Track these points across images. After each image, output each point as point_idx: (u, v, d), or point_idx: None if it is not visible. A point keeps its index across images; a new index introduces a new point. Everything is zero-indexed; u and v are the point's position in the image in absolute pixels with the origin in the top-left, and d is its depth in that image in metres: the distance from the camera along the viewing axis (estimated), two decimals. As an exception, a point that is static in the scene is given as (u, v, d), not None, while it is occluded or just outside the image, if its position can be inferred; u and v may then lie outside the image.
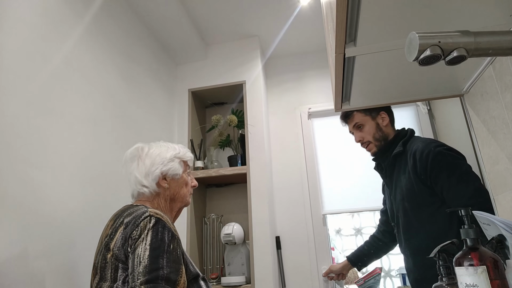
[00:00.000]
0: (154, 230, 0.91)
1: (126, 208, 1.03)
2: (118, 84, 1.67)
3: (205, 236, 2.21)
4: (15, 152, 1.05)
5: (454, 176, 1.15)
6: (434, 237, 1.17)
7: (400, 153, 1.32)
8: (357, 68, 0.96)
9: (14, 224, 1.01)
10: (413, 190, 1.25)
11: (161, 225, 0.93)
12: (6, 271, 0.96)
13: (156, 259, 0.86)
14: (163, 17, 2.00)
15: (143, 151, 1.14)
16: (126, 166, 1.15)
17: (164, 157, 1.13)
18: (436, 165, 1.18)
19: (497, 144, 0.99)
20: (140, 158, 1.12)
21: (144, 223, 0.91)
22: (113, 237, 0.95)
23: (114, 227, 0.97)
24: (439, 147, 1.22)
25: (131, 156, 1.14)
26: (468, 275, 0.62)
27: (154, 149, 1.15)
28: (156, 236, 0.90)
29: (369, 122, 1.40)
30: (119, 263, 0.91)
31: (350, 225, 2.41)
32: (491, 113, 1.00)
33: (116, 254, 0.91)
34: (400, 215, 1.32)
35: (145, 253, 0.87)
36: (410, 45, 0.57)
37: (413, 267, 1.29)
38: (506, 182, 0.97)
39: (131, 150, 1.15)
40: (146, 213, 0.94)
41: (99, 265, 0.95)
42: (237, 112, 2.32)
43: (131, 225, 0.93)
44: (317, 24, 2.28)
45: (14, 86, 1.08)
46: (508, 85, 0.89)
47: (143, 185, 1.09)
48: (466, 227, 0.67)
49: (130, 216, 0.96)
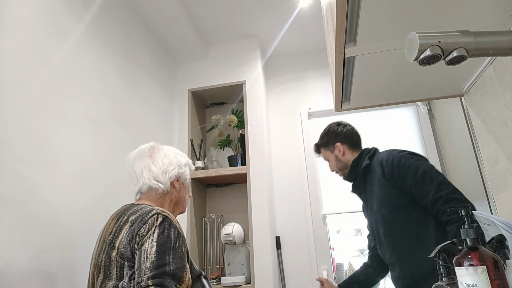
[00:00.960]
0: (161, 227, 0.92)
1: (128, 207, 1.03)
2: (118, 84, 1.67)
3: (205, 236, 2.21)
4: (15, 152, 1.05)
5: (418, 174, 1.20)
6: (415, 237, 1.22)
7: (367, 166, 1.39)
8: (357, 68, 0.96)
9: (14, 224, 1.01)
10: (386, 195, 1.29)
11: (168, 223, 0.94)
12: (7, 270, 0.96)
13: (162, 255, 0.87)
14: (163, 17, 2.00)
15: (159, 150, 1.16)
16: (137, 160, 1.14)
17: (180, 161, 1.17)
18: (401, 167, 1.24)
19: (497, 144, 0.99)
20: (157, 155, 1.14)
21: (152, 220, 0.92)
22: (117, 235, 0.95)
23: (118, 225, 0.97)
24: (401, 152, 1.29)
25: (143, 152, 1.14)
26: (468, 275, 0.62)
27: (171, 152, 1.18)
28: (162, 233, 0.91)
29: (330, 156, 1.50)
30: (124, 261, 0.91)
31: (350, 225, 2.41)
32: (491, 113, 1.00)
33: (122, 252, 0.91)
34: (380, 225, 1.35)
35: (152, 249, 0.87)
36: (410, 45, 0.57)
37: (400, 273, 1.29)
38: (506, 182, 0.97)
39: (145, 146, 1.16)
40: (154, 211, 0.95)
41: (103, 263, 0.95)
42: (237, 112, 2.32)
43: (138, 222, 0.93)
44: (317, 24, 2.28)
45: (14, 86, 1.08)
46: (508, 85, 0.89)
47: (158, 180, 1.10)
48: (466, 227, 0.67)
49: (135, 214, 0.96)
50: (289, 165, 2.34)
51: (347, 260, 2.30)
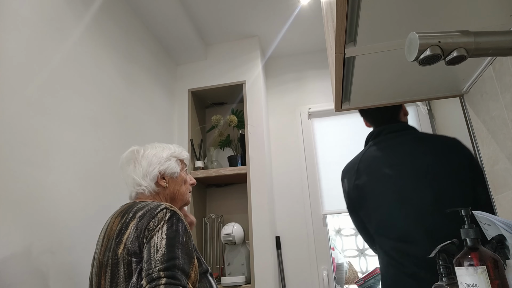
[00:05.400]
0: (169, 221, 0.93)
1: (132, 205, 1.02)
2: (118, 84, 1.67)
3: (205, 236, 2.21)
4: (15, 152, 1.05)
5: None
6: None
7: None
8: (357, 68, 0.96)
9: (15, 224, 1.01)
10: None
11: (176, 218, 0.95)
12: (7, 270, 0.96)
13: (172, 249, 0.88)
14: (163, 17, 2.00)
15: (139, 153, 1.15)
16: (122, 169, 1.15)
17: (161, 157, 1.14)
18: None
19: (497, 144, 0.99)
20: (136, 161, 1.13)
21: (161, 214, 0.93)
22: (124, 231, 0.94)
23: (123, 222, 0.97)
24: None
25: (127, 160, 1.15)
26: (468, 275, 0.62)
27: (150, 150, 1.16)
28: (171, 227, 0.92)
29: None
30: (132, 257, 0.91)
31: (350, 225, 2.41)
32: (491, 113, 1.00)
33: (129, 247, 0.91)
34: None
35: (162, 242, 0.88)
36: (410, 45, 0.57)
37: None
38: (506, 182, 0.97)
39: (126, 153, 1.16)
40: (162, 206, 0.96)
41: (109, 262, 0.93)
42: (237, 112, 2.32)
43: (146, 217, 0.93)
44: (317, 24, 2.28)
45: (14, 86, 1.08)
46: (508, 85, 0.89)
47: (141, 185, 1.09)
48: (466, 227, 0.67)
49: (142, 210, 0.96)
50: (289, 165, 2.34)
51: (347, 260, 2.30)
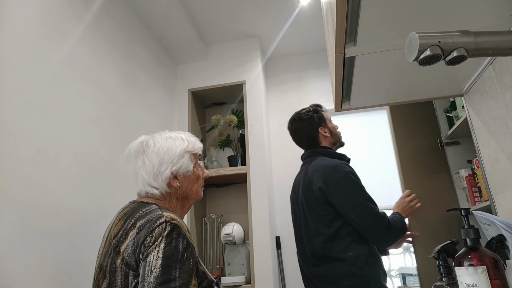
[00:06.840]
0: (168, 238, 0.84)
1: (137, 207, 0.94)
2: (118, 84, 1.67)
3: (205, 236, 2.21)
4: (15, 152, 1.05)
5: None
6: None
7: None
8: (357, 68, 0.96)
9: (14, 224, 1.01)
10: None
11: (176, 233, 0.86)
12: (7, 270, 0.96)
13: (168, 269, 0.81)
14: (163, 17, 2.00)
15: (149, 147, 1.03)
16: (129, 162, 1.05)
17: (174, 154, 1.02)
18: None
19: (497, 144, 0.99)
20: (146, 154, 1.01)
21: (159, 230, 0.85)
22: (123, 240, 0.88)
23: (124, 228, 0.90)
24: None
25: (135, 152, 1.04)
26: (468, 275, 0.62)
27: (161, 143, 1.03)
28: (170, 244, 0.84)
29: None
30: (129, 270, 0.86)
31: (350, 225, 2.40)
32: (491, 113, 1.00)
33: (127, 260, 0.86)
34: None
35: (157, 262, 0.81)
36: (410, 45, 0.57)
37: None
38: (506, 182, 0.97)
39: (135, 145, 1.05)
40: (162, 219, 0.87)
41: (108, 269, 0.89)
42: (237, 112, 2.32)
43: (144, 230, 0.86)
44: (317, 24, 2.28)
45: (14, 86, 1.08)
46: (508, 85, 0.89)
47: (152, 186, 1.00)
48: (466, 227, 0.67)
49: (143, 219, 0.88)
50: (289, 165, 2.34)
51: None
